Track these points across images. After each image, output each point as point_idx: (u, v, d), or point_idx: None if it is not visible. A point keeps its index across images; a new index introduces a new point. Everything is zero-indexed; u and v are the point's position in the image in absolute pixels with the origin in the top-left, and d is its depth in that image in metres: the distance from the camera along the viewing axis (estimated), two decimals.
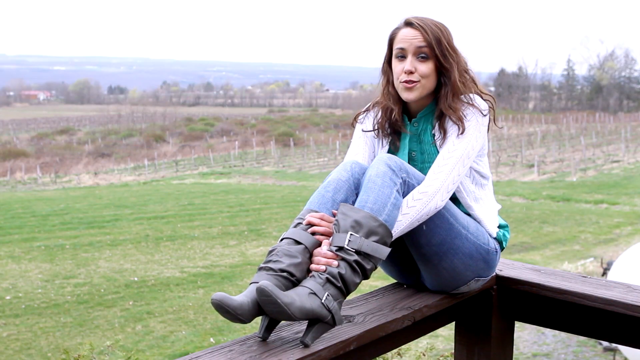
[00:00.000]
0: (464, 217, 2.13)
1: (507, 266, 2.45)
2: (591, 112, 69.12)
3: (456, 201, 2.18)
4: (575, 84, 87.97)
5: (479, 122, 2.11)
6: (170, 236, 16.11)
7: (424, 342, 7.58)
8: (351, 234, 1.83)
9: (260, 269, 1.82)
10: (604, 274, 10.92)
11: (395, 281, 2.33)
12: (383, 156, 2.01)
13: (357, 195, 2.00)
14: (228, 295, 1.71)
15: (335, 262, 1.81)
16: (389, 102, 2.19)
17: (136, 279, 12.27)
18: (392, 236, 1.91)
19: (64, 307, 10.69)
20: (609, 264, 11.03)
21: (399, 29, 2.15)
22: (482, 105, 2.13)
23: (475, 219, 2.17)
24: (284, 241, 1.87)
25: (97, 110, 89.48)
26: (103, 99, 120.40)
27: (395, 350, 3.60)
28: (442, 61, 2.09)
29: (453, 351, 2.55)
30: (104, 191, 26.24)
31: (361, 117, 2.30)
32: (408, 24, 2.12)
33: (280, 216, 18.50)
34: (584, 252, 14.06)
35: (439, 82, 2.13)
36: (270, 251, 1.86)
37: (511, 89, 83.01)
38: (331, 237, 1.87)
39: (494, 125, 2.22)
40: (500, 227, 2.25)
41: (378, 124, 2.23)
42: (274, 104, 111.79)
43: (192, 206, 20.80)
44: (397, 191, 1.95)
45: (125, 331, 9.59)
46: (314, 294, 1.75)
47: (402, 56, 2.12)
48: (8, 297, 11.16)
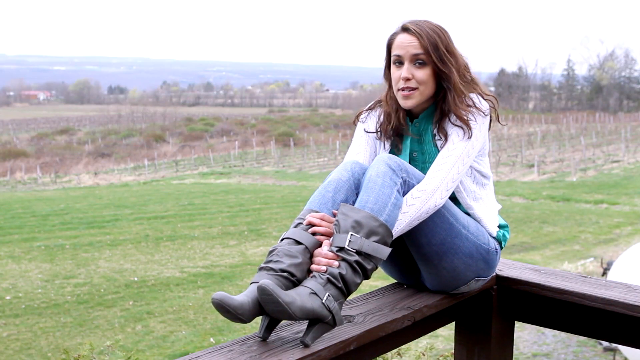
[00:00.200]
0: (464, 216, 2.13)
1: (507, 266, 2.45)
2: (591, 112, 69.10)
3: (456, 201, 2.18)
4: (575, 84, 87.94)
5: (479, 123, 2.11)
6: (170, 236, 16.11)
7: (424, 342, 7.57)
8: (352, 235, 1.83)
9: (261, 269, 1.82)
10: (604, 274, 10.92)
11: (395, 281, 2.33)
12: (383, 156, 2.01)
13: (357, 195, 2.00)
14: (228, 294, 1.71)
15: (336, 263, 1.81)
16: (392, 107, 2.19)
17: (136, 279, 12.27)
18: (392, 236, 1.91)
19: (64, 307, 10.69)
20: (609, 264, 11.03)
21: (396, 34, 2.14)
22: (483, 105, 2.13)
23: (476, 218, 2.17)
24: (284, 241, 1.88)
25: (97, 110, 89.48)
26: (103, 99, 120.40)
27: (395, 350, 3.61)
28: (440, 66, 2.08)
29: (453, 351, 2.55)
30: (104, 191, 26.23)
31: (363, 116, 2.30)
32: (405, 29, 2.11)
33: (280, 216, 18.49)
34: (584, 252, 14.05)
35: (438, 85, 2.13)
36: (271, 251, 1.86)
37: (511, 89, 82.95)
38: (332, 237, 1.87)
39: (495, 125, 2.22)
40: (500, 227, 2.26)
41: (381, 126, 2.23)
42: (274, 104, 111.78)
43: (192, 206, 20.80)
44: (397, 191, 1.95)
45: (125, 331, 9.59)
46: (315, 294, 1.75)
47: (400, 62, 2.12)
48: (8, 297, 11.16)
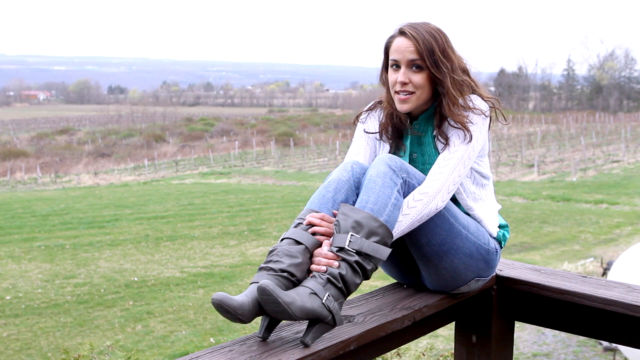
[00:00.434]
0: (464, 217, 2.13)
1: (507, 266, 2.45)
2: (591, 112, 69.10)
3: (456, 201, 2.18)
4: (575, 84, 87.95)
5: (479, 124, 2.10)
6: (170, 236, 16.11)
7: (424, 342, 7.59)
8: (352, 235, 1.83)
9: (261, 269, 1.82)
10: (604, 274, 10.93)
11: (395, 281, 2.33)
12: (384, 156, 2.01)
13: (357, 195, 2.00)
14: (228, 295, 1.71)
15: (336, 263, 1.81)
16: (392, 108, 2.19)
17: (136, 279, 12.27)
18: (392, 237, 1.91)
19: (64, 307, 10.69)
20: (609, 264, 11.03)
21: (393, 37, 2.14)
22: (482, 106, 2.13)
23: (476, 218, 2.17)
24: (284, 241, 1.88)
25: (97, 110, 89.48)
26: (103, 99, 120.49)
27: (395, 350, 3.61)
28: (434, 72, 2.07)
29: (453, 351, 2.55)
30: (104, 191, 26.22)
31: (363, 116, 2.30)
32: (402, 32, 2.11)
33: (280, 216, 18.49)
34: (584, 252, 14.05)
35: (435, 89, 2.12)
36: (271, 251, 1.86)
37: (511, 89, 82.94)
38: (332, 237, 1.87)
39: (495, 125, 2.21)
40: (500, 227, 2.26)
41: (381, 127, 2.23)
42: (274, 104, 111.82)
43: (192, 206, 20.79)
44: (397, 191, 1.95)
45: (125, 331, 9.59)
46: (315, 294, 1.75)
47: (397, 66, 2.12)
48: (8, 297, 11.16)
